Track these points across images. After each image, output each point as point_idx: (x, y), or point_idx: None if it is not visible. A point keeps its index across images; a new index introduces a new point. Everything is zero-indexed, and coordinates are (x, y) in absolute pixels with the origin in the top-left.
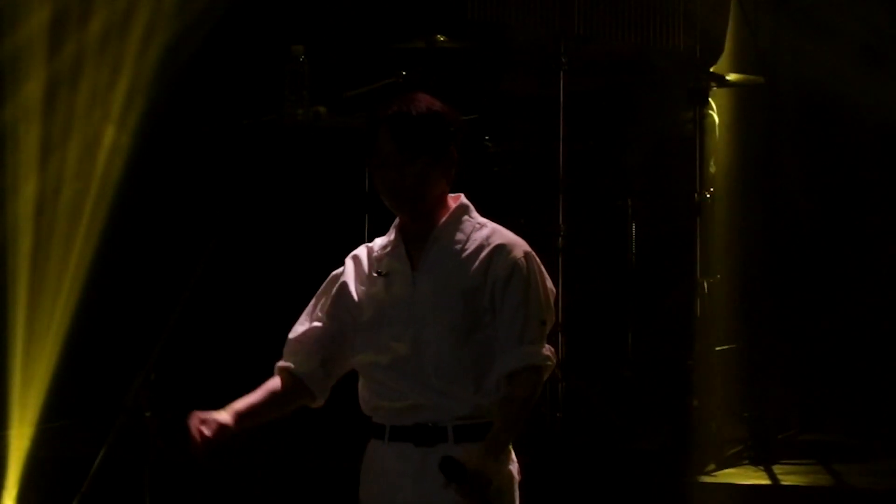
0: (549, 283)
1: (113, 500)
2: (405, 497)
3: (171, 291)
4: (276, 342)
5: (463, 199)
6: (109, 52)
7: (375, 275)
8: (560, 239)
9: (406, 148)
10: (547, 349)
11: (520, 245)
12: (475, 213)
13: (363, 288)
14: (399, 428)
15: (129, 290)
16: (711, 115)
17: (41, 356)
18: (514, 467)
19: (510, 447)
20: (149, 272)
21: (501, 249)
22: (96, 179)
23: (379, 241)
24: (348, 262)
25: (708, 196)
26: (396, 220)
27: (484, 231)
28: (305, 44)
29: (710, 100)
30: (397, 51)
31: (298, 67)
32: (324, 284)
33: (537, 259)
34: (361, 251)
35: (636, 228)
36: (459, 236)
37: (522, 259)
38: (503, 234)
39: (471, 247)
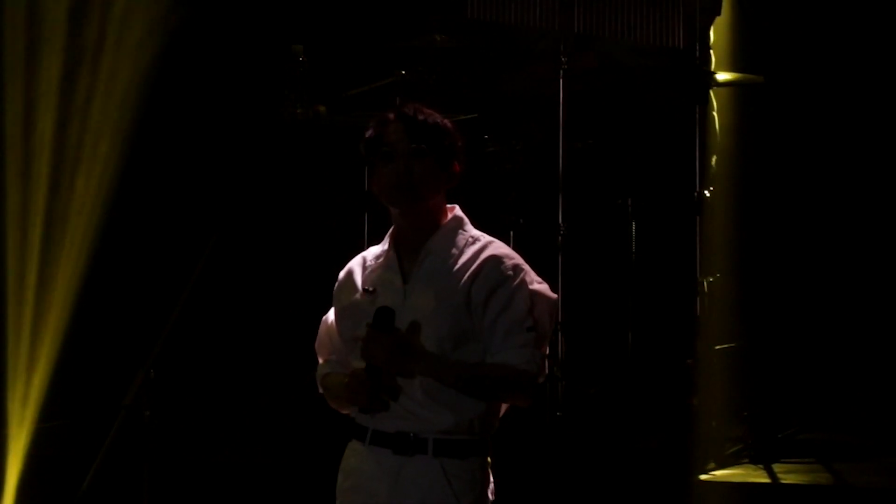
0: (547, 293)
1: (113, 499)
2: (380, 501)
3: (171, 290)
4: (276, 340)
5: (458, 210)
6: (111, 51)
7: (364, 291)
8: (560, 238)
9: (417, 142)
10: (534, 353)
11: (510, 258)
12: (469, 227)
13: (354, 300)
14: (380, 433)
15: (128, 288)
16: (711, 115)
17: (41, 356)
18: (489, 488)
19: (489, 467)
20: (148, 271)
21: (488, 262)
22: (94, 178)
23: (373, 251)
24: (342, 277)
25: (708, 195)
26: (391, 229)
27: (476, 245)
28: (305, 43)
29: (710, 99)
30: (397, 50)
31: (298, 67)
32: (326, 321)
33: (530, 272)
34: (356, 264)
35: (636, 227)
36: (452, 251)
37: (510, 271)
38: (495, 248)
39: (462, 261)
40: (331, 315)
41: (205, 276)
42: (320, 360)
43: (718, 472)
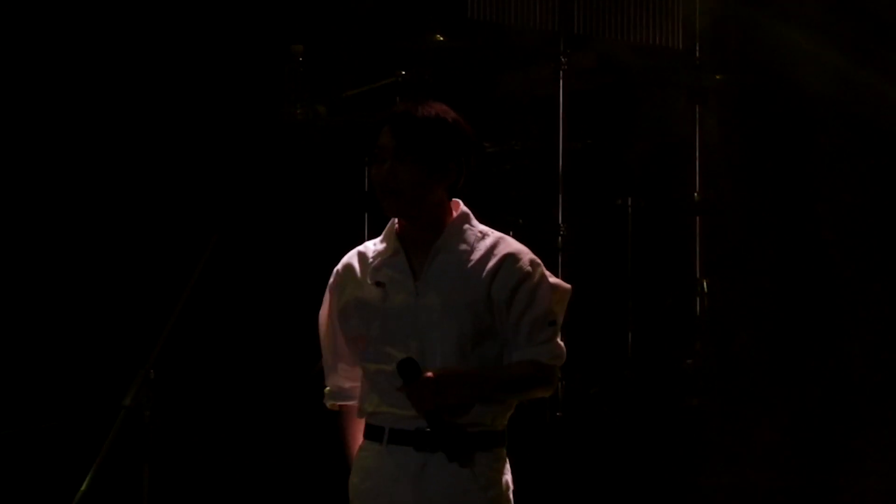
0: (563, 284)
1: (113, 499)
2: (404, 501)
3: (171, 289)
4: (276, 340)
5: (462, 206)
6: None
7: (372, 284)
8: (559, 238)
9: (402, 147)
10: (558, 346)
11: (526, 253)
12: (475, 221)
13: (360, 297)
14: (399, 431)
15: (128, 288)
16: (711, 115)
17: (40, 355)
18: (508, 477)
19: (506, 456)
20: (148, 271)
21: (506, 259)
22: (94, 177)
23: (372, 247)
24: (341, 271)
25: (708, 196)
26: (395, 226)
27: (487, 240)
28: (305, 44)
29: (710, 99)
30: (397, 50)
31: (298, 67)
32: (322, 324)
33: (543, 267)
34: (352, 258)
35: (636, 228)
36: (463, 247)
37: (529, 267)
38: (509, 244)
39: (476, 257)
40: (324, 316)
41: (205, 276)
42: (325, 367)
43: (718, 473)
